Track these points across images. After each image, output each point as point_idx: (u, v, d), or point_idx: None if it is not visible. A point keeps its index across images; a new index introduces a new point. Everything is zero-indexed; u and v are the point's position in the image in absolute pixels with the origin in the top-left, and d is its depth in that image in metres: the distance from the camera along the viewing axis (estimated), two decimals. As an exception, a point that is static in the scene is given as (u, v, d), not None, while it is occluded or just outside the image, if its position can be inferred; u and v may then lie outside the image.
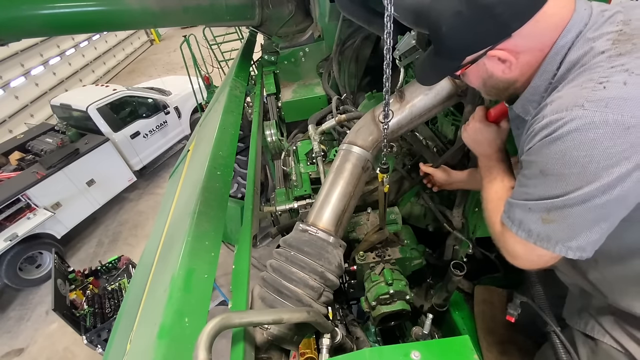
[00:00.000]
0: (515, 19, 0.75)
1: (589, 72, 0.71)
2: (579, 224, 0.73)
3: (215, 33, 6.73)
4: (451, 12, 0.76)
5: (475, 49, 0.82)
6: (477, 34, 0.79)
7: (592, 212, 0.71)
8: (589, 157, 0.66)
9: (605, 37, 0.73)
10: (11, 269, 5.12)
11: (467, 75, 0.94)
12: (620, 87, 0.65)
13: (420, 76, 1.01)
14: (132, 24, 2.86)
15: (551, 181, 0.73)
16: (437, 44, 0.85)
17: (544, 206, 0.76)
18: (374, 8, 1.84)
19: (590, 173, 0.67)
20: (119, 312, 2.27)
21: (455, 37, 0.80)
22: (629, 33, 0.72)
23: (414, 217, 1.98)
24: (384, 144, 1.15)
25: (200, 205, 1.46)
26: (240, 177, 4.94)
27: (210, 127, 2.35)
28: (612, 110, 0.64)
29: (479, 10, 0.74)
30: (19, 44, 9.16)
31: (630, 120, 0.63)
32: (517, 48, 0.80)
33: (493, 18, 0.75)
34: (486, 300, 1.76)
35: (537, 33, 0.78)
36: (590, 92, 0.67)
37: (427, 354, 0.79)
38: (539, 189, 0.76)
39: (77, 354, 4.49)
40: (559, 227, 0.75)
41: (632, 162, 0.65)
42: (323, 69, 3.06)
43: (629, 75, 0.66)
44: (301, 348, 1.31)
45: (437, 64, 0.91)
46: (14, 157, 5.81)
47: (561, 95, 0.74)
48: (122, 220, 6.56)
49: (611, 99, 0.65)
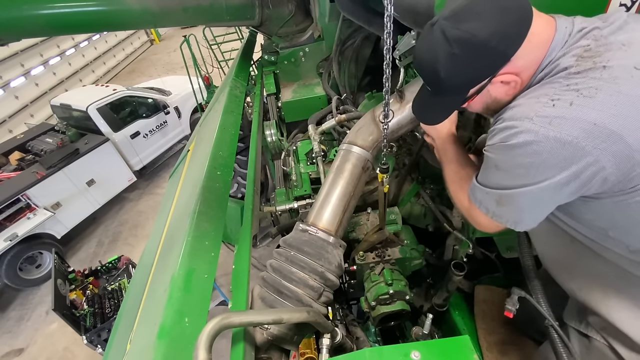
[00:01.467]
0: (510, 46, 0.80)
1: (548, 86, 0.80)
2: (522, 208, 0.90)
3: (215, 33, 6.73)
4: (445, 57, 0.80)
5: (478, 82, 0.86)
6: (477, 69, 0.83)
7: (532, 201, 0.86)
8: (531, 163, 0.80)
9: (572, 52, 0.80)
10: (11, 269, 5.12)
11: (469, 104, 0.95)
12: (566, 107, 0.75)
13: (425, 117, 1.05)
14: (132, 24, 2.86)
15: (502, 175, 0.88)
16: (438, 87, 0.89)
17: (497, 193, 0.91)
18: (374, 8, 1.84)
19: (531, 175, 0.82)
20: (119, 312, 2.27)
21: (455, 78, 0.84)
22: (594, 50, 0.78)
23: (414, 217, 1.98)
24: (384, 144, 1.16)
25: (200, 205, 1.46)
26: (240, 177, 4.94)
27: (210, 127, 2.35)
28: (554, 128, 0.75)
29: (473, 49, 0.78)
30: (19, 44, 9.16)
31: (567, 137, 0.73)
32: (517, 69, 0.84)
33: (489, 51, 0.79)
34: (486, 300, 1.76)
35: (531, 50, 0.82)
36: (542, 107, 0.78)
37: (427, 354, 0.79)
38: (494, 179, 0.91)
39: (77, 354, 4.49)
40: (509, 209, 0.91)
41: (563, 171, 0.77)
42: (323, 69, 3.06)
43: (577, 97, 0.75)
44: (301, 348, 1.31)
45: (441, 103, 0.94)
46: (14, 157, 5.81)
47: (521, 103, 0.84)
48: (122, 220, 6.56)
49: (555, 117, 0.75)
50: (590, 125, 0.72)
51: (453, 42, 0.78)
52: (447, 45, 0.79)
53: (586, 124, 0.72)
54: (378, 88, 2.31)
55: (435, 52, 0.81)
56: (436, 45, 0.81)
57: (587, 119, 0.72)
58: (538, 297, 1.25)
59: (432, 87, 0.91)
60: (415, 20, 1.23)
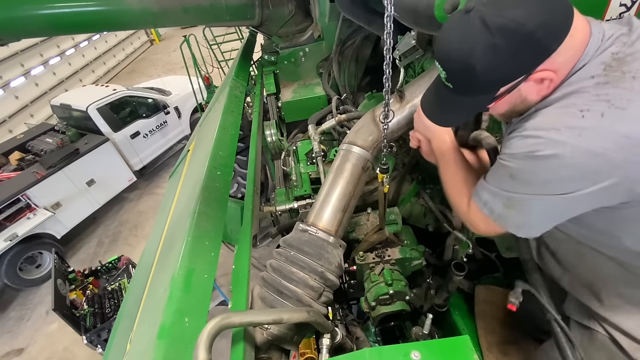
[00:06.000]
0: (555, 39, 0.73)
1: (576, 96, 0.76)
2: (533, 213, 0.86)
3: (215, 33, 6.73)
4: (484, 48, 0.72)
5: (514, 78, 0.78)
6: (517, 64, 0.75)
7: (547, 208, 0.83)
8: (558, 175, 0.76)
9: (600, 59, 0.76)
10: (11, 269, 5.12)
11: (494, 105, 0.86)
12: (597, 118, 0.71)
13: (441, 118, 0.95)
14: (132, 24, 2.86)
15: (518, 183, 0.83)
16: (467, 84, 0.80)
17: (507, 196, 0.87)
18: (374, 8, 1.84)
19: (555, 186, 0.78)
20: (119, 312, 2.27)
21: (491, 73, 0.76)
22: (622, 59, 0.74)
23: (414, 217, 1.98)
24: (384, 144, 1.15)
25: (200, 205, 1.46)
26: (240, 177, 4.94)
27: (210, 127, 2.35)
28: (584, 140, 0.71)
29: (518, 40, 0.70)
30: (19, 44, 9.15)
31: (598, 149, 0.70)
32: (555, 65, 0.77)
33: (533, 43, 0.71)
34: (487, 300, 1.76)
35: (572, 46, 0.76)
36: (571, 118, 0.74)
37: (427, 354, 0.79)
38: (507, 185, 0.86)
39: (77, 354, 4.49)
40: (517, 212, 0.87)
41: (591, 184, 0.74)
42: (323, 69, 3.06)
43: (608, 107, 0.71)
44: (301, 348, 1.31)
45: (465, 102, 0.86)
46: (14, 157, 5.81)
47: (545, 112, 0.79)
48: (122, 220, 6.56)
49: (585, 128, 0.72)
50: (622, 137, 0.69)
51: (496, 31, 0.70)
52: (488, 35, 0.70)
53: (618, 136, 0.70)
54: (378, 88, 2.31)
55: (472, 43, 0.72)
56: (473, 35, 0.72)
57: (619, 131, 0.70)
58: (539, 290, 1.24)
59: (459, 84, 0.81)
60: (416, 20, 1.23)
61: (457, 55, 0.76)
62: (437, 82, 0.89)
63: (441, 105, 0.92)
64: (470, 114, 0.94)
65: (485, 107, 0.88)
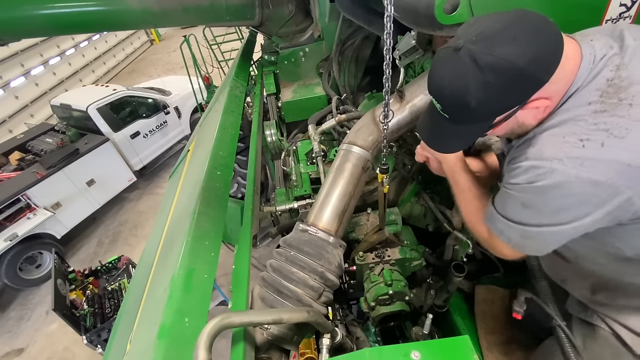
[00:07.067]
0: (546, 72, 0.75)
1: (573, 124, 0.78)
2: (547, 242, 0.89)
3: (215, 33, 6.73)
4: (477, 86, 0.73)
5: (509, 109, 0.80)
6: (510, 97, 0.78)
7: (559, 236, 0.86)
8: (564, 204, 0.79)
9: (595, 85, 0.78)
10: (11, 269, 5.11)
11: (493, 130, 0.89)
12: (597, 148, 0.73)
13: (440, 146, 0.98)
14: (132, 24, 2.86)
15: (530, 213, 0.86)
16: (463, 117, 0.83)
17: (522, 229, 0.89)
18: (374, 8, 1.84)
19: (562, 215, 0.81)
20: (119, 312, 2.27)
21: (486, 106, 0.78)
22: (617, 85, 0.76)
23: (414, 217, 1.98)
24: (384, 144, 1.15)
25: (200, 205, 1.46)
26: (240, 177, 4.94)
27: (210, 127, 2.35)
28: (586, 170, 0.73)
29: (510, 77, 0.72)
30: (19, 44, 9.16)
31: (600, 178, 0.73)
32: (549, 93, 0.79)
33: (525, 78, 0.73)
34: (487, 300, 1.76)
35: (564, 75, 0.78)
36: (571, 148, 0.76)
37: (427, 354, 0.79)
38: (519, 216, 0.88)
39: (77, 354, 4.49)
40: (533, 242, 0.91)
41: (596, 210, 0.77)
42: (323, 69, 3.06)
43: (607, 137, 0.73)
44: (301, 348, 1.31)
45: (462, 130, 0.88)
46: (14, 157, 5.81)
47: (547, 139, 0.81)
48: (122, 220, 6.56)
49: (587, 159, 0.74)
50: (624, 166, 0.72)
51: (487, 69, 0.71)
52: (479, 74, 0.72)
53: (619, 165, 0.72)
54: (378, 88, 2.31)
55: (465, 81, 0.74)
56: (465, 73, 0.74)
57: (620, 160, 0.72)
58: (544, 298, 1.25)
59: (455, 115, 0.83)
60: (416, 20, 1.23)
61: (450, 93, 0.78)
62: (432, 110, 0.89)
63: (439, 133, 0.93)
64: (469, 141, 0.95)
65: (483, 134, 0.90)
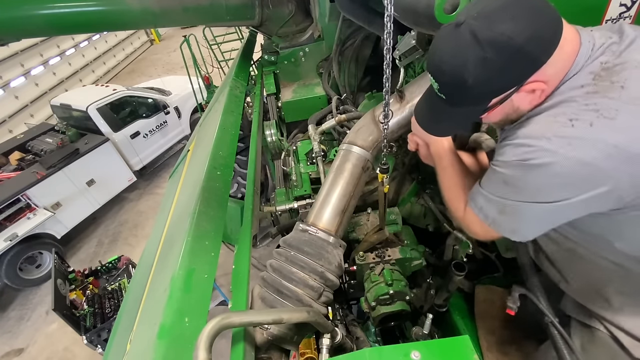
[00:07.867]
0: (544, 52, 0.75)
1: (565, 105, 0.78)
2: (526, 220, 0.88)
3: (215, 33, 6.73)
4: (475, 62, 0.73)
5: (505, 90, 0.80)
6: (508, 76, 0.77)
7: (540, 215, 0.85)
8: (549, 183, 0.78)
9: (590, 69, 0.78)
10: (11, 269, 5.11)
11: (487, 115, 0.88)
12: (586, 127, 0.73)
13: (436, 129, 0.97)
14: (132, 24, 2.86)
15: (512, 189, 0.85)
16: (459, 96, 0.82)
17: (502, 202, 0.88)
18: (374, 8, 1.84)
19: (546, 194, 0.80)
20: (119, 312, 2.27)
21: (483, 86, 0.77)
22: (611, 68, 0.76)
23: (414, 217, 1.98)
24: (384, 144, 1.15)
25: (200, 205, 1.46)
26: (240, 177, 4.94)
27: (210, 127, 2.35)
28: (574, 149, 0.73)
29: (508, 53, 0.72)
30: (19, 44, 9.16)
31: (587, 158, 0.72)
32: (546, 77, 0.78)
33: (524, 56, 0.73)
34: (487, 300, 1.76)
35: (561, 58, 0.77)
36: (560, 127, 0.76)
37: (427, 354, 0.79)
38: (500, 191, 0.88)
39: (77, 354, 4.49)
40: (511, 218, 0.89)
41: (581, 192, 0.76)
42: (323, 69, 3.06)
43: (597, 117, 0.72)
44: (301, 348, 1.31)
45: (458, 113, 0.87)
46: (14, 157, 5.81)
47: (536, 120, 0.81)
48: (122, 220, 6.56)
49: (575, 138, 0.73)
50: (611, 147, 0.71)
51: (486, 45, 0.71)
52: (478, 49, 0.72)
53: (607, 145, 0.71)
54: (378, 88, 2.31)
55: (464, 57, 0.74)
56: (464, 48, 0.74)
57: (608, 141, 0.71)
58: (537, 294, 1.25)
59: (452, 95, 0.83)
60: (416, 20, 1.23)
61: (449, 69, 0.78)
62: (430, 92, 0.90)
63: (434, 116, 0.93)
64: (464, 125, 0.93)
65: (478, 118, 0.89)
